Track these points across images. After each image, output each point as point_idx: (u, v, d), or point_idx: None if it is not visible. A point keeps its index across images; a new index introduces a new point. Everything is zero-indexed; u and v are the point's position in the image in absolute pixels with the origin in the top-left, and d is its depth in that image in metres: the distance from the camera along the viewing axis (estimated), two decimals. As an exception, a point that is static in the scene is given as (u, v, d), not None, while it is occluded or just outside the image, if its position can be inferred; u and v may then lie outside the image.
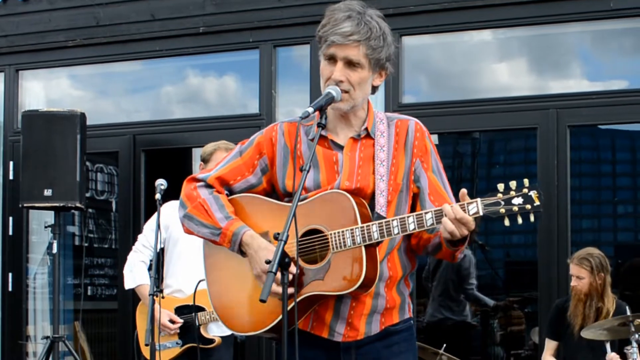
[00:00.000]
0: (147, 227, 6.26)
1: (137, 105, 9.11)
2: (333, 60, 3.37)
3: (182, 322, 6.02)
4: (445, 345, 6.19)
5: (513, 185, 3.22)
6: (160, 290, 5.54)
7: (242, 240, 3.38)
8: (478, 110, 7.54)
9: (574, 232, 7.58)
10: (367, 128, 3.46)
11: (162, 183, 5.77)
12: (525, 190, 3.21)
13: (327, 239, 3.33)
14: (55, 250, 7.54)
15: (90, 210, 9.82)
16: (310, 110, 3.26)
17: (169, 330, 5.98)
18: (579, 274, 6.37)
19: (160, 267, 5.88)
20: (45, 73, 9.18)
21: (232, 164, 3.57)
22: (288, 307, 3.15)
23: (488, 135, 11.22)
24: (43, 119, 7.60)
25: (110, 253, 9.83)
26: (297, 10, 7.90)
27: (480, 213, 3.21)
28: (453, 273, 9.11)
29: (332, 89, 3.33)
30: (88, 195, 8.81)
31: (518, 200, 3.21)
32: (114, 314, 8.84)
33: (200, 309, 5.97)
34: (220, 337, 6.06)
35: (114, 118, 8.93)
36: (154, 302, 5.40)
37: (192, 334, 5.96)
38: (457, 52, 7.93)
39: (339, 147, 3.45)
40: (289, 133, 3.51)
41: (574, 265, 6.41)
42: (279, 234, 3.11)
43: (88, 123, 7.75)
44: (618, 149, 11.60)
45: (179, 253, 6.10)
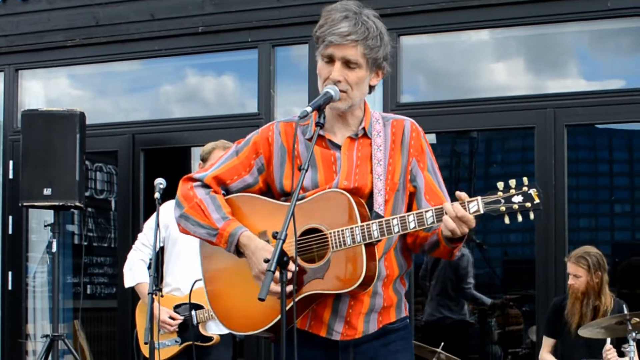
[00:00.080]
0: (147, 225, 6.28)
1: (136, 105, 9.10)
2: (331, 61, 3.36)
3: (182, 319, 6.04)
4: (443, 344, 6.19)
5: (512, 184, 3.24)
6: (160, 289, 5.55)
7: (239, 241, 3.37)
8: (476, 110, 7.54)
9: (572, 231, 7.56)
10: (364, 128, 3.46)
11: (161, 182, 5.78)
12: (525, 189, 3.23)
13: (325, 238, 3.33)
14: (55, 249, 7.52)
15: (90, 209, 9.80)
16: (309, 110, 3.26)
17: (169, 327, 6.00)
18: (577, 273, 6.36)
19: (160, 265, 5.89)
20: (45, 73, 9.16)
21: (228, 164, 3.55)
22: (287, 306, 3.15)
23: (486, 135, 11.21)
24: (42, 119, 7.60)
25: (110, 252, 9.82)
26: (295, 10, 7.89)
27: (481, 211, 3.23)
28: (451, 272, 9.11)
29: (330, 89, 3.33)
30: (87, 195, 8.82)
31: (518, 198, 3.22)
32: (113, 313, 8.82)
33: (199, 307, 6.00)
34: (219, 335, 6.08)
35: (113, 117, 8.92)
36: (153, 300, 5.40)
37: (192, 332, 5.98)
38: (454, 51, 7.92)
39: (337, 146, 3.44)
40: (286, 132, 3.50)
41: (572, 264, 6.40)
42: (278, 233, 3.10)
43: (87, 122, 7.74)
44: (615, 149, 11.58)
45: (178, 252, 6.12)
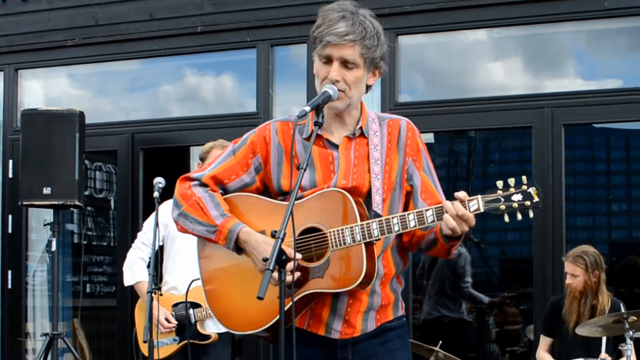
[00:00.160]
0: (146, 224, 6.30)
1: (135, 104, 9.11)
2: (329, 61, 3.37)
3: (175, 323, 6.05)
4: (441, 343, 6.19)
5: (512, 182, 3.25)
6: (159, 288, 5.55)
7: (238, 237, 3.37)
8: (473, 109, 7.55)
9: (569, 229, 7.57)
10: (361, 127, 3.47)
11: (160, 181, 5.78)
12: (525, 187, 3.24)
13: (324, 237, 3.33)
14: (55, 248, 7.53)
15: (89, 209, 9.80)
16: (308, 109, 3.26)
17: (161, 329, 6.00)
18: (574, 272, 6.37)
19: (159, 264, 5.90)
20: (45, 72, 9.18)
21: (226, 164, 3.55)
22: (286, 305, 3.15)
23: (483, 134, 11.22)
24: (42, 118, 7.61)
25: (109, 251, 9.82)
26: (293, 10, 7.90)
27: (481, 209, 3.25)
28: (449, 271, 9.11)
29: (329, 88, 3.33)
30: (87, 194, 8.83)
31: (517, 197, 3.24)
32: (113, 311, 8.82)
33: (197, 306, 6.02)
34: (217, 333, 6.09)
35: (113, 117, 8.93)
36: (153, 299, 5.40)
37: (189, 331, 5.99)
38: (452, 51, 7.93)
39: (334, 146, 3.45)
40: (283, 132, 3.50)
41: (569, 263, 6.41)
42: (277, 232, 3.10)
43: (87, 122, 7.75)
44: (612, 148, 11.58)
45: (177, 251, 6.13)
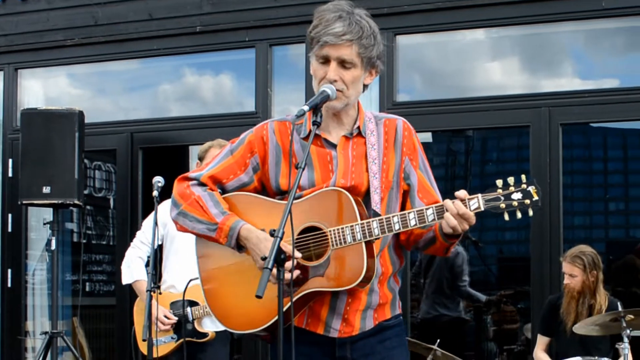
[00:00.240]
0: (145, 223, 6.31)
1: (134, 104, 9.11)
2: (326, 61, 3.38)
3: (175, 320, 6.06)
4: (439, 341, 6.20)
5: (511, 181, 3.27)
6: (158, 287, 5.56)
7: (239, 234, 3.36)
8: (471, 109, 7.56)
9: (566, 228, 7.59)
10: (359, 127, 3.48)
11: (159, 180, 5.79)
12: (524, 186, 3.26)
13: (323, 236, 3.34)
14: (54, 247, 7.54)
15: (89, 208, 9.81)
16: (306, 109, 3.25)
17: (161, 326, 6.02)
18: (572, 272, 6.37)
19: (158, 263, 5.92)
20: (44, 72, 9.18)
21: (223, 163, 3.54)
22: (286, 304, 3.16)
23: (481, 133, 11.25)
24: (42, 117, 7.61)
25: (108, 249, 9.82)
26: (292, 10, 7.90)
27: (482, 208, 3.27)
28: (446, 270, 9.12)
29: (327, 87, 3.34)
30: (86, 193, 8.83)
31: (517, 196, 3.26)
32: (112, 310, 8.84)
33: (195, 304, 6.04)
34: (215, 331, 6.10)
35: (112, 116, 8.94)
36: (152, 298, 5.41)
37: (185, 329, 5.99)
38: (450, 51, 7.94)
39: (332, 145, 3.45)
40: (280, 132, 3.50)
41: (567, 264, 6.42)
42: (275, 231, 3.10)
43: (86, 121, 7.75)
44: (609, 147, 11.61)
45: (176, 250, 6.14)
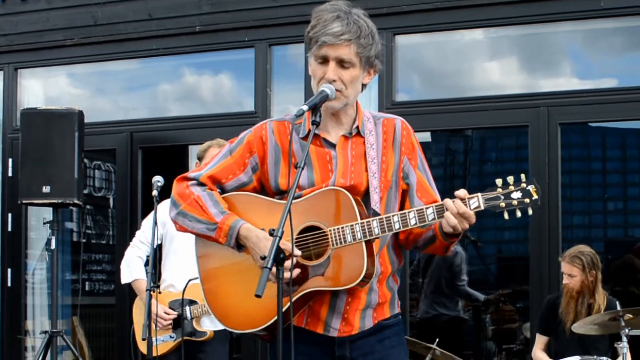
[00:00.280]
0: (144, 223, 6.32)
1: (134, 103, 9.12)
2: (325, 61, 3.38)
3: (175, 314, 6.06)
4: (438, 340, 6.22)
5: (511, 180, 3.29)
6: (157, 286, 5.57)
7: (239, 234, 3.36)
8: (470, 108, 7.58)
9: (565, 228, 7.58)
10: (357, 126, 3.48)
11: (159, 180, 5.80)
12: (524, 185, 3.28)
13: (324, 236, 3.34)
14: (54, 246, 7.54)
15: (88, 207, 9.79)
16: (305, 108, 3.26)
17: (162, 322, 6.03)
18: (571, 272, 6.37)
19: (158, 262, 5.94)
20: (44, 71, 9.19)
21: (222, 163, 3.54)
22: (285, 304, 3.16)
23: (480, 133, 11.24)
24: (41, 117, 7.62)
25: (108, 249, 9.81)
26: (291, 10, 7.90)
27: (482, 207, 3.29)
28: (445, 270, 9.11)
29: (326, 87, 3.34)
30: (86, 192, 8.81)
31: (517, 195, 3.28)
32: (112, 309, 8.85)
33: (193, 303, 6.05)
34: (213, 330, 6.10)
35: (112, 116, 8.95)
36: (151, 297, 5.42)
37: (184, 328, 6.01)
38: (449, 50, 7.95)
39: (331, 145, 3.46)
40: (279, 131, 3.50)
41: (566, 264, 6.42)
42: (275, 230, 3.09)
43: (86, 121, 7.76)
44: (608, 147, 11.61)
45: (175, 249, 6.14)
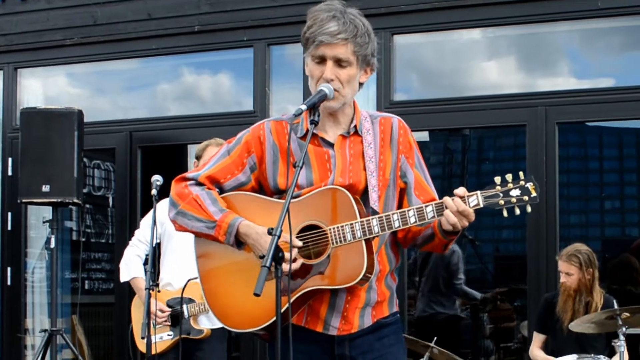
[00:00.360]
0: (143, 222, 6.34)
1: (133, 103, 9.13)
2: (322, 60, 3.40)
3: (169, 310, 6.07)
4: (436, 339, 6.22)
5: (509, 178, 3.31)
6: (156, 285, 5.58)
7: (238, 231, 3.37)
8: (468, 108, 7.59)
9: (562, 227, 7.58)
10: (355, 126, 3.50)
11: (158, 179, 5.81)
12: (522, 183, 3.30)
13: (323, 235, 3.35)
14: (53, 245, 7.54)
15: (88, 206, 9.80)
16: (304, 108, 3.27)
17: (158, 319, 6.06)
18: (568, 271, 6.39)
19: (157, 261, 5.95)
20: (44, 71, 9.19)
21: (221, 163, 3.55)
22: (284, 304, 3.17)
23: (478, 132, 11.25)
24: (41, 116, 7.61)
25: (107, 248, 9.84)
26: (290, 10, 7.91)
27: (481, 205, 3.30)
28: (442, 268, 9.12)
29: (324, 87, 3.36)
30: (85, 191, 8.84)
31: (516, 192, 3.29)
32: (111, 308, 8.86)
33: (191, 301, 6.06)
34: (211, 329, 6.12)
35: (111, 115, 8.95)
36: (150, 296, 5.44)
37: (182, 326, 6.03)
38: (447, 50, 7.96)
39: (329, 144, 3.47)
40: (277, 131, 3.52)
41: (563, 262, 6.43)
42: (273, 229, 3.10)
43: (85, 120, 7.75)
44: (605, 146, 11.63)
45: (173, 248, 6.16)
